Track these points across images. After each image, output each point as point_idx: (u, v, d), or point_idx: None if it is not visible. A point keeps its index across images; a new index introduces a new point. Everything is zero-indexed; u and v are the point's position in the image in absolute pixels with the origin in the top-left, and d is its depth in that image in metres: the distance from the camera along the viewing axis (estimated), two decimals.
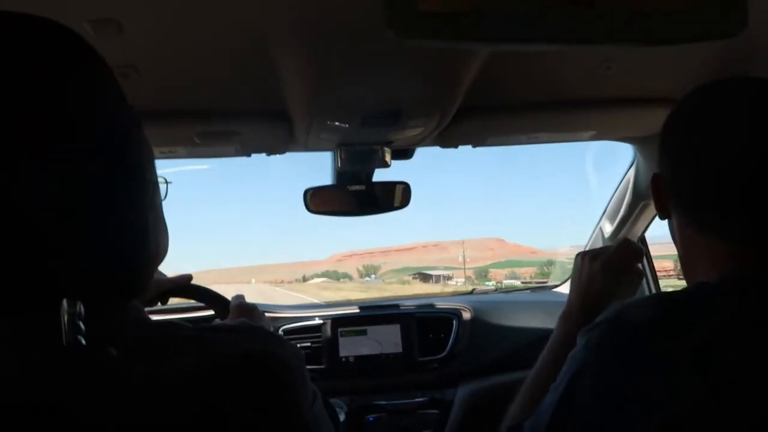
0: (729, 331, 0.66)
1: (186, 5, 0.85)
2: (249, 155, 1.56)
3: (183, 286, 1.30)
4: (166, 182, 0.70)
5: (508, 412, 0.93)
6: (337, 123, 1.30)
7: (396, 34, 0.61)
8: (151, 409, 0.48)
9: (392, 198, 1.71)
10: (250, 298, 1.39)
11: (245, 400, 0.51)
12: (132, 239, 0.52)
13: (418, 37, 0.63)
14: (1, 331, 0.51)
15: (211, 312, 1.43)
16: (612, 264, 0.97)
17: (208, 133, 1.35)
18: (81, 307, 0.47)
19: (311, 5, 0.84)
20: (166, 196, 0.70)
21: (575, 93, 1.35)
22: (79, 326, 0.47)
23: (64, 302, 0.47)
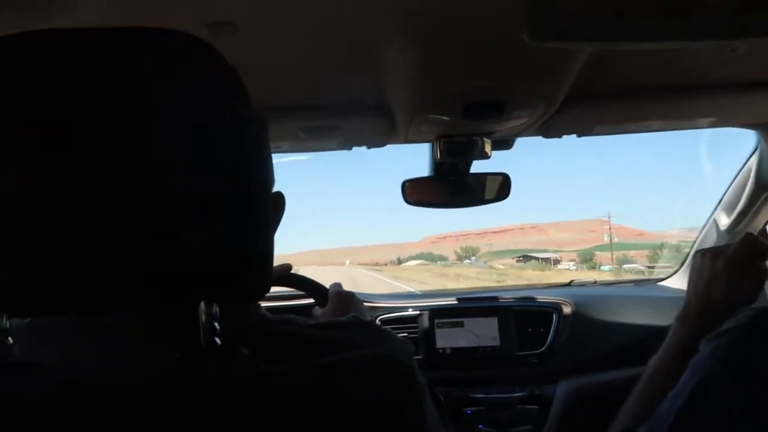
0: None
1: (295, 3, 0.86)
2: (350, 149, 1.58)
3: (283, 275, 1.33)
4: None
5: (618, 416, 0.89)
6: (439, 116, 1.29)
7: (532, 35, 0.59)
8: (286, 407, 0.49)
9: (491, 190, 1.68)
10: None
11: (371, 408, 0.52)
12: (263, 241, 0.52)
13: (556, 39, 0.60)
14: (135, 328, 0.54)
15: (309, 300, 1.46)
16: (736, 263, 0.89)
17: (312, 128, 1.38)
18: (217, 309, 0.49)
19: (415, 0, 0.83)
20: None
21: (695, 78, 1.25)
22: (214, 327, 0.48)
23: (202, 304, 0.48)
